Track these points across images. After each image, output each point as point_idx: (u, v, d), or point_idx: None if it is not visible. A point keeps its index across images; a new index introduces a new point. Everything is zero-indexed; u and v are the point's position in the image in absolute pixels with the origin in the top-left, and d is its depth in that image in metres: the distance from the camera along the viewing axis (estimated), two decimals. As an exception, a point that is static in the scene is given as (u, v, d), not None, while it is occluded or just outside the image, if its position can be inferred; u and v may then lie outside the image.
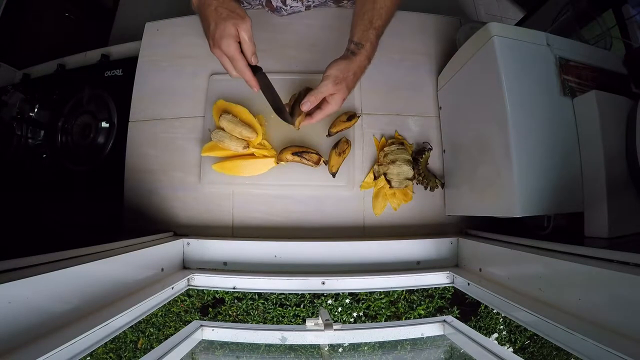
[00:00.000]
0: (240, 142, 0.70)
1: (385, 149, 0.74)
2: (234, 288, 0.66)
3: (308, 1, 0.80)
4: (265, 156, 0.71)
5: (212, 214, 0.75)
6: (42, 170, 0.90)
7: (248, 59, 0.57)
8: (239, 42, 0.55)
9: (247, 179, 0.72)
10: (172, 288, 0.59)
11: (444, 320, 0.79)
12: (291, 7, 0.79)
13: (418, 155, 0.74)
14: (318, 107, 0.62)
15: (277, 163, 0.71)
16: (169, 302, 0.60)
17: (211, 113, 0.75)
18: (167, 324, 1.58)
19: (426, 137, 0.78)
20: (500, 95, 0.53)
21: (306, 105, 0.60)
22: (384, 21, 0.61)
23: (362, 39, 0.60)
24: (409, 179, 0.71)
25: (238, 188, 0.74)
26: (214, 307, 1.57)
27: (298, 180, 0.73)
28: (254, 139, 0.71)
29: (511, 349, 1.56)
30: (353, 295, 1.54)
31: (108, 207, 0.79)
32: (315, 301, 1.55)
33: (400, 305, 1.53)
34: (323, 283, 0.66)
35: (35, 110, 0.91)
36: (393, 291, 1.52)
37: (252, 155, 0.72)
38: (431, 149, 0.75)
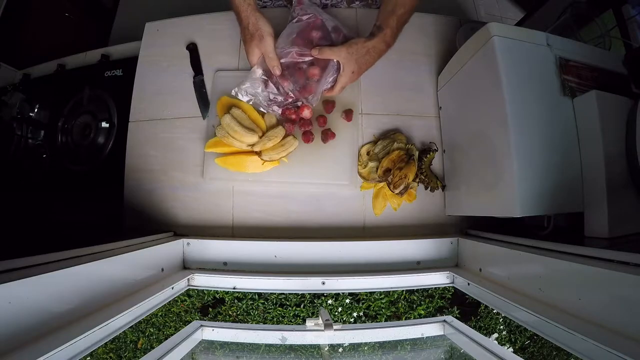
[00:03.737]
0: (245, 140, 0.70)
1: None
2: (234, 288, 0.66)
3: (325, 0, 0.83)
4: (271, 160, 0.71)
5: (212, 213, 0.75)
6: (42, 170, 0.90)
7: (273, 72, 0.67)
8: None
9: (249, 176, 0.73)
10: (172, 288, 0.59)
11: (444, 321, 0.79)
12: None
13: (422, 154, 0.74)
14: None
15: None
16: (169, 302, 0.60)
17: (215, 109, 0.75)
18: (167, 324, 1.58)
19: (426, 137, 0.78)
20: (500, 95, 0.53)
21: (314, 51, 0.66)
22: (406, 9, 0.65)
23: (383, 24, 0.66)
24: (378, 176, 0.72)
25: (240, 185, 0.74)
26: (214, 307, 1.56)
27: (301, 178, 0.73)
28: (252, 142, 0.70)
29: (511, 349, 1.56)
30: (353, 295, 1.54)
31: (108, 207, 0.79)
32: (315, 301, 1.55)
33: (400, 305, 1.53)
34: (323, 283, 0.65)
35: (35, 110, 0.91)
36: (393, 291, 1.52)
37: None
38: (436, 150, 0.75)
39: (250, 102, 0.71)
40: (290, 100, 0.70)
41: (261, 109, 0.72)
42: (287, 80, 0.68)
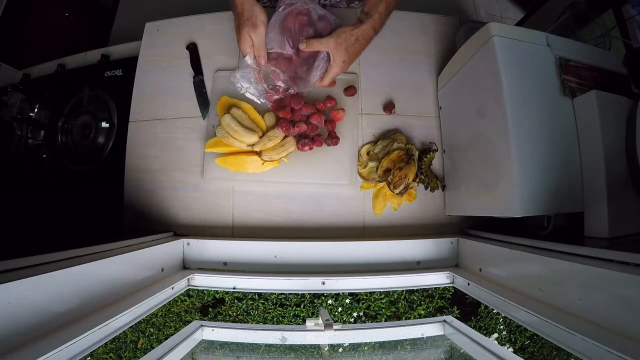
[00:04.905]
0: (245, 140, 0.70)
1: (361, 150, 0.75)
2: (234, 288, 0.66)
3: (324, 0, 0.83)
4: (271, 160, 0.71)
5: (212, 214, 0.75)
6: (42, 170, 0.90)
7: (258, 61, 0.66)
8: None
9: (249, 176, 0.73)
10: (172, 288, 0.59)
11: (444, 320, 0.79)
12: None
13: (422, 154, 0.74)
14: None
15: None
16: (169, 302, 0.60)
17: (215, 109, 0.76)
18: (167, 324, 1.58)
19: (426, 137, 0.78)
20: (500, 95, 0.53)
21: (302, 45, 0.64)
22: None
23: (372, 9, 0.64)
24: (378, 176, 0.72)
25: (240, 185, 0.75)
26: (214, 307, 1.56)
27: (301, 178, 0.73)
28: (252, 142, 0.70)
29: (511, 349, 1.56)
30: (353, 295, 1.54)
31: (108, 207, 0.79)
32: (315, 301, 1.55)
33: (400, 305, 1.53)
34: (323, 283, 0.65)
35: (35, 110, 0.91)
36: (393, 291, 1.52)
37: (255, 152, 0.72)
38: (436, 150, 0.75)
39: (243, 92, 0.70)
40: (280, 90, 0.69)
41: (255, 100, 0.71)
42: (278, 68, 0.67)
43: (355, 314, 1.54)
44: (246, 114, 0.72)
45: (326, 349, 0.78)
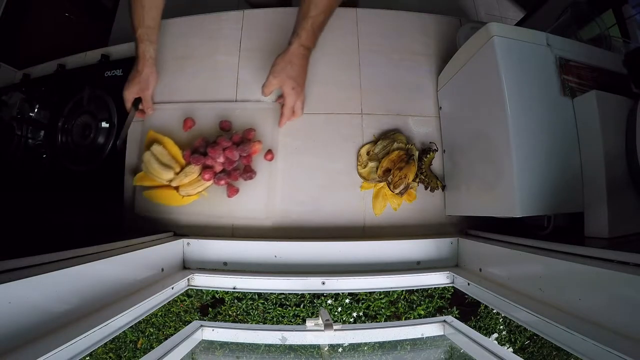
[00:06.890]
0: (162, 177, 0.70)
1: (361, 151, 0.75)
2: (234, 288, 0.66)
3: None
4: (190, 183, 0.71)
5: (212, 213, 0.75)
6: (42, 170, 0.90)
7: (146, 112, 0.77)
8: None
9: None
10: (172, 288, 0.59)
11: (444, 321, 0.79)
12: None
13: (422, 154, 0.74)
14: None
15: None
16: (169, 302, 0.60)
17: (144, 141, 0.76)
18: (167, 324, 1.58)
19: (426, 137, 0.78)
20: (500, 95, 0.53)
21: (265, 91, 0.69)
22: (319, 11, 0.65)
23: (298, 28, 0.67)
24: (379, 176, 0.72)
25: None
26: (213, 307, 1.57)
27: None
28: (169, 179, 0.70)
29: (511, 349, 1.56)
30: (353, 295, 1.54)
31: (108, 207, 0.79)
32: (315, 301, 1.55)
33: (400, 305, 1.53)
34: (323, 283, 0.65)
35: (35, 110, 0.91)
36: (393, 291, 1.52)
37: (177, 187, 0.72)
38: (436, 150, 0.75)
39: None
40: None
41: None
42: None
43: (355, 314, 1.54)
44: (166, 149, 0.72)
45: (326, 349, 0.78)
